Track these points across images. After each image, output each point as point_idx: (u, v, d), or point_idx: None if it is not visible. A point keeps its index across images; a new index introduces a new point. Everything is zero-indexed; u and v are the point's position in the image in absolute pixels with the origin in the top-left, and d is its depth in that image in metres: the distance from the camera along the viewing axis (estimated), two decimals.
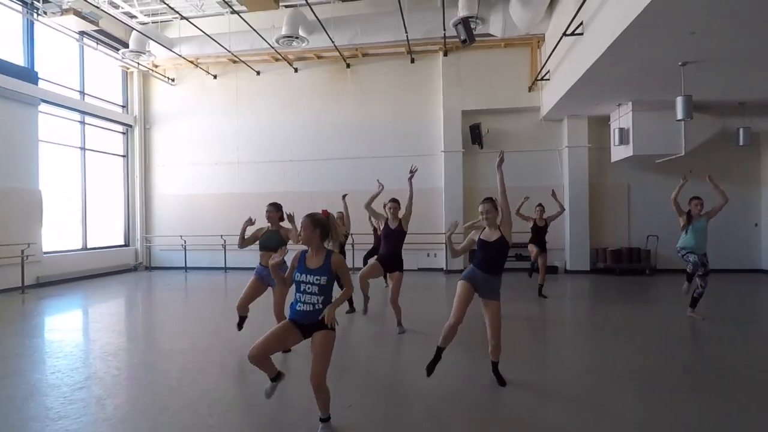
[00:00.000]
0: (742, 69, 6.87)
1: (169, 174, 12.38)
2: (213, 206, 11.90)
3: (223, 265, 11.67)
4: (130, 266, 11.87)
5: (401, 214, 5.41)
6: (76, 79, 10.87)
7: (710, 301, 6.51)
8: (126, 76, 12.29)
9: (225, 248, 11.47)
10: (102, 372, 4.18)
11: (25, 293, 8.53)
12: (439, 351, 3.65)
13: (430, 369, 3.63)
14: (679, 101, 6.94)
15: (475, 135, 10.79)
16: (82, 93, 10.95)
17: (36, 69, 9.59)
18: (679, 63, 6.62)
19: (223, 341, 5.07)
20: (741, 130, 8.76)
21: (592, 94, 8.59)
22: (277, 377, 3.10)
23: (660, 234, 10.17)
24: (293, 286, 2.90)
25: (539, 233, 7.60)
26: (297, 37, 9.64)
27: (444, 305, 7.38)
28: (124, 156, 12.23)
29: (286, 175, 11.78)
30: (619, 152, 9.62)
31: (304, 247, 2.94)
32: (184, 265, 11.88)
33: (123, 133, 12.21)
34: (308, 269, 2.81)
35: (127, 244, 12.16)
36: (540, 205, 7.68)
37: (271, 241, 4.53)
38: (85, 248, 10.84)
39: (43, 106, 9.61)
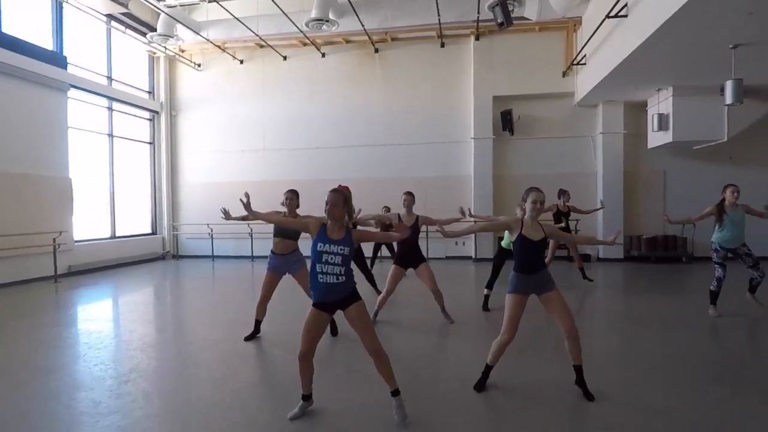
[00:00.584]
0: None
1: (195, 161, 12.32)
2: (239, 194, 11.72)
3: (250, 254, 11.64)
4: (158, 255, 11.88)
5: (414, 209, 5.19)
6: (103, 64, 10.77)
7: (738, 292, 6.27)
8: (152, 61, 12.19)
9: (252, 237, 11.42)
10: (144, 364, 4.12)
11: (58, 282, 8.53)
12: (488, 369, 3.34)
13: (481, 387, 3.34)
14: (729, 85, 6.74)
15: (506, 121, 10.60)
16: (110, 78, 10.86)
17: (65, 54, 9.49)
18: (731, 45, 6.40)
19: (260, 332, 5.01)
20: None
21: (632, 78, 8.36)
22: (308, 397, 3.00)
23: (698, 223, 9.96)
24: (311, 260, 2.87)
25: (559, 219, 7.40)
26: (327, 21, 9.45)
27: (474, 294, 7.31)
28: (150, 143, 12.16)
29: (312, 163, 11.67)
30: (656, 138, 9.41)
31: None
32: (211, 254, 11.86)
33: (150, 120, 12.13)
34: (331, 239, 2.81)
35: (154, 233, 12.16)
36: (566, 193, 7.73)
37: (288, 228, 4.37)
38: (113, 237, 10.84)
39: (71, 92, 9.53)
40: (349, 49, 11.41)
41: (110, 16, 10.25)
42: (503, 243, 5.76)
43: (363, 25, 9.84)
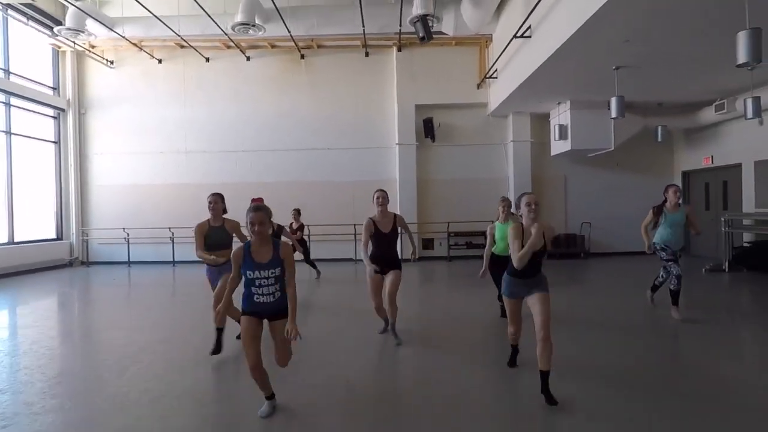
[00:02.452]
0: (662, 73, 7.84)
1: (108, 163, 11.60)
2: (159, 197, 11.35)
3: (171, 259, 11.18)
4: (64, 261, 10.99)
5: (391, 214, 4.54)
6: None
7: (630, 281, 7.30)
8: (57, 55, 11.33)
9: (173, 241, 10.99)
10: (76, 369, 4.03)
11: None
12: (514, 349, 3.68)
13: (513, 362, 3.69)
14: (614, 101, 7.80)
15: (427, 128, 11.26)
16: (7, 71, 9.96)
17: None
18: (614, 67, 7.44)
19: (188, 334, 5.00)
20: (659, 128, 9.95)
21: (536, 93, 9.32)
22: (273, 396, 3.02)
23: (592, 221, 11.28)
24: (244, 281, 2.86)
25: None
26: (254, 25, 9.48)
27: (418, 294, 7.71)
28: (55, 142, 11.27)
29: (238, 166, 11.52)
30: (558, 146, 10.53)
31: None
32: (127, 260, 11.21)
33: (54, 118, 11.25)
34: (259, 264, 2.77)
35: (60, 238, 11.24)
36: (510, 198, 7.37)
37: (219, 238, 4.17)
38: (11, 242, 9.89)
39: None
40: (275, 53, 11.46)
41: (8, 5, 9.44)
42: (497, 249, 5.09)
43: (289, 32, 9.97)
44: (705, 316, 5.34)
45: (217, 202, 4.23)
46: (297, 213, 8.66)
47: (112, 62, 11.44)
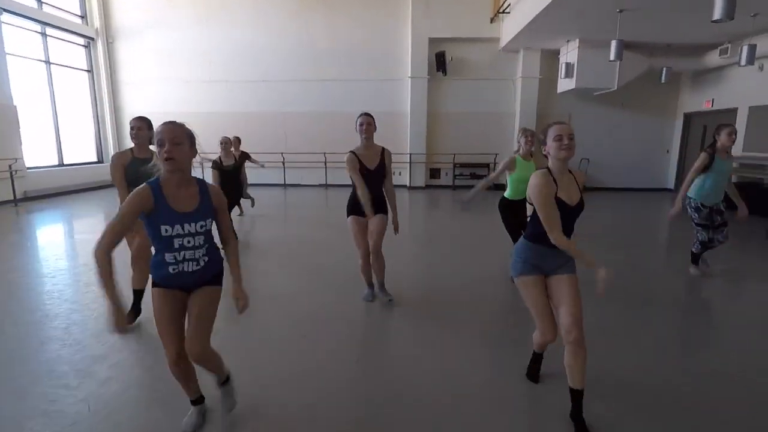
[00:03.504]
0: (670, 16, 8.08)
1: (137, 91, 12.38)
2: (188, 125, 12.20)
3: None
4: (107, 182, 12.22)
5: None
6: None
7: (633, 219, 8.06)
8: None
9: (202, 166, 12.02)
10: None
11: (18, 206, 8.96)
12: (537, 357, 2.63)
13: (535, 374, 2.63)
14: (613, 44, 8.16)
15: (440, 62, 11.62)
16: (39, 1, 10.48)
17: None
18: (618, 9, 7.74)
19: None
20: (664, 69, 10.21)
21: (547, 29, 9.58)
22: (199, 400, 2.20)
23: (591, 157, 11.92)
24: (153, 246, 1.93)
25: None
26: None
27: (413, 222, 8.74)
28: (88, 71, 12.01)
29: (258, 95, 12.20)
30: (564, 84, 10.90)
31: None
32: None
33: (85, 47, 11.88)
34: (183, 215, 1.82)
35: (100, 161, 12.39)
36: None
37: (144, 175, 2.97)
38: (61, 164, 11.06)
39: (4, 16, 9.29)
40: None
41: None
42: (508, 194, 4.21)
43: None
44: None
45: (142, 128, 3.29)
46: (237, 141, 7.28)
47: None
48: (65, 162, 11.17)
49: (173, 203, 1.80)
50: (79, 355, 2.90)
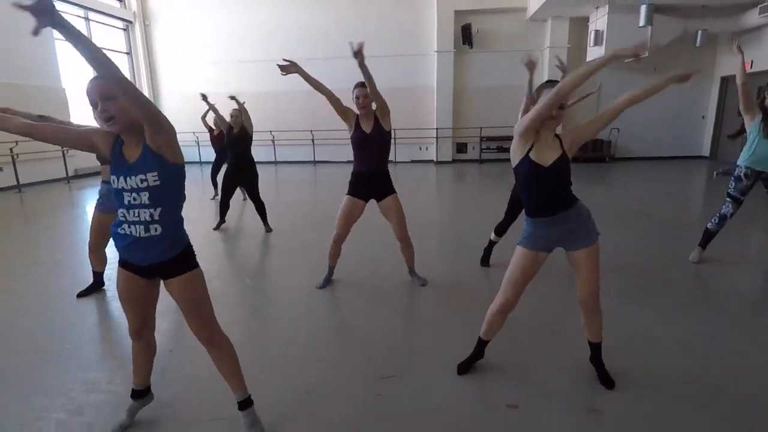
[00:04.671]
0: None
1: (173, 72, 12.91)
2: (220, 104, 12.67)
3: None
4: None
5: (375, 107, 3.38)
6: None
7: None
8: None
9: (274, 143, 12.54)
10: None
11: (70, 182, 9.67)
12: (481, 344, 2.41)
13: (466, 368, 2.41)
14: (643, 9, 8.01)
15: (466, 35, 11.60)
16: None
17: None
18: None
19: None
20: (699, 32, 9.91)
21: None
22: (142, 394, 2.05)
23: (621, 127, 11.75)
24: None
25: None
26: None
27: (439, 200, 8.96)
28: (128, 53, 12.58)
29: (288, 74, 12.47)
30: (594, 52, 10.71)
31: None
32: (198, 160, 13.00)
33: (124, 30, 12.43)
34: (127, 166, 1.64)
35: None
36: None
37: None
38: None
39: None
40: None
41: None
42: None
43: None
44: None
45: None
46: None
47: None
48: None
49: (126, 153, 1.64)
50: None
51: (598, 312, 2.18)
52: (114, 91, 1.54)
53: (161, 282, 1.80)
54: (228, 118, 5.63)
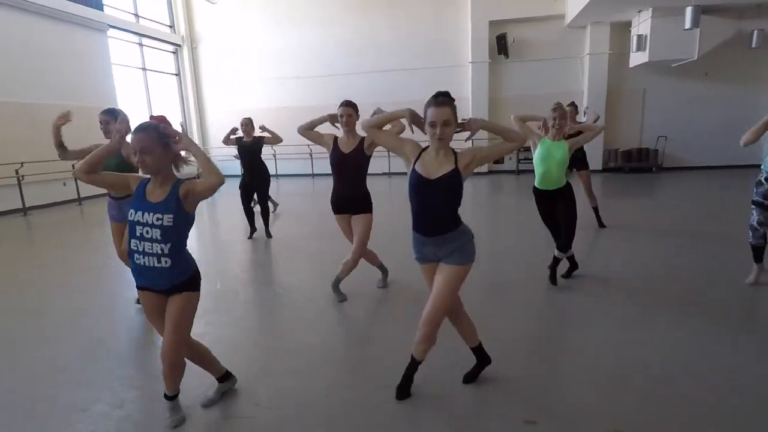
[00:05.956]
0: None
1: (217, 90, 13.59)
2: (262, 120, 13.15)
3: (275, 172, 13.26)
4: (193, 176, 13.59)
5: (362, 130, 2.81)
6: (129, 2, 11.72)
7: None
8: None
9: (276, 157, 12.98)
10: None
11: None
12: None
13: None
14: (688, 11, 7.63)
15: (501, 45, 11.47)
16: (137, 16, 11.86)
17: None
18: None
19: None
20: (755, 32, 9.30)
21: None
22: (225, 377, 2.37)
23: (669, 134, 11.18)
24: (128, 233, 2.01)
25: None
26: None
27: (475, 213, 8.84)
28: (176, 74, 13.37)
29: (324, 89, 12.82)
30: (636, 58, 10.30)
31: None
32: (239, 174, 13.51)
33: (173, 53, 13.23)
34: (148, 204, 1.93)
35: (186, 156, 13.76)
36: (572, 104, 5.95)
37: (112, 165, 3.29)
38: None
39: (109, 31, 10.66)
40: None
41: None
42: (536, 182, 3.79)
43: None
44: None
45: (110, 122, 3.36)
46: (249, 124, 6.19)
47: None
48: None
49: (148, 194, 1.96)
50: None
51: (430, 335, 2.11)
52: (152, 147, 1.89)
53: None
54: (241, 129, 6.07)
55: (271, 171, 13.07)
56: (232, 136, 5.90)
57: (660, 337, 2.83)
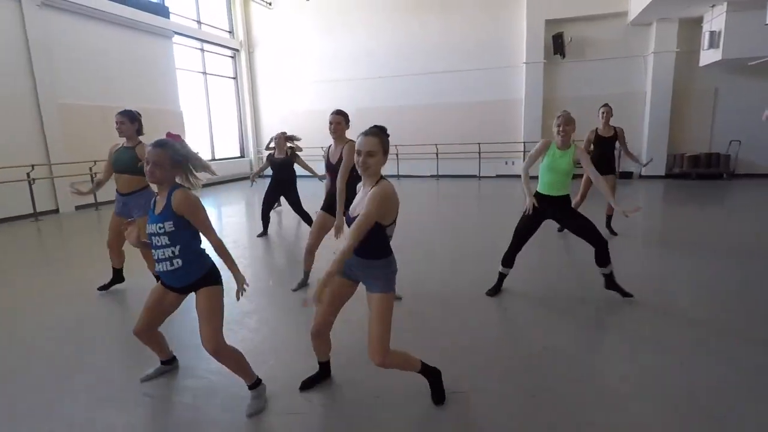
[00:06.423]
0: None
1: (272, 92, 14.03)
2: (314, 121, 13.50)
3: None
4: (247, 175, 14.11)
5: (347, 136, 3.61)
6: (192, 9, 12.33)
7: None
8: (229, 1, 13.56)
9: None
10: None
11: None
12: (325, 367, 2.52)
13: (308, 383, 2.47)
14: None
15: (557, 44, 11.07)
16: (199, 23, 12.46)
17: (166, 4, 11.11)
18: None
19: None
20: None
21: None
22: (169, 361, 2.63)
23: (743, 138, 10.35)
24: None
25: (604, 146, 5.50)
26: None
27: None
28: (234, 78, 13.93)
29: (375, 91, 12.92)
30: (708, 56, 9.62)
31: None
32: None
33: (232, 57, 13.79)
34: (153, 215, 2.14)
35: (242, 156, 14.34)
36: (606, 105, 5.54)
37: (125, 160, 3.64)
38: (213, 159, 13.09)
39: (174, 38, 11.27)
40: None
41: None
42: (538, 187, 3.63)
43: None
44: None
45: (124, 122, 3.64)
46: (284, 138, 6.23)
47: (270, 3, 13.29)
48: (216, 157, 13.17)
49: (156, 205, 2.16)
50: (236, 311, 3.60)
51: (386, 367, 2.09)
52: (164, 163, 2.07)
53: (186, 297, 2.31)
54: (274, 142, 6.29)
55: (393, 172, 13.14)
56: (267, 151, 6.09)
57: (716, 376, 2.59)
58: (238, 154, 14.32)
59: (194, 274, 2.17)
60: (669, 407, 2.22)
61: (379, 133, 2.07)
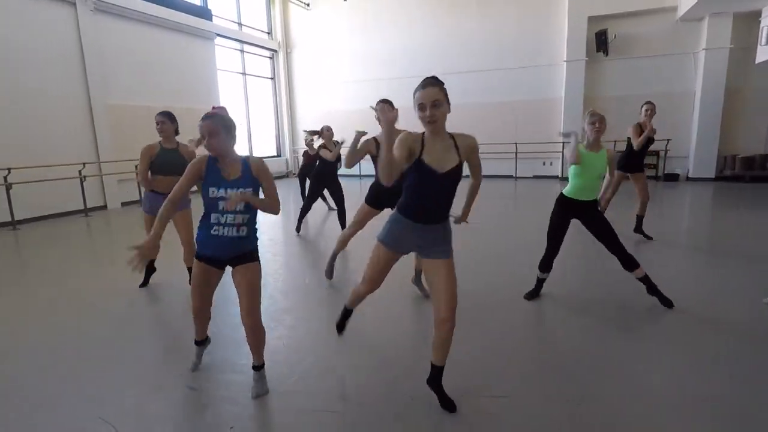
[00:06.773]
0: None
1: (309, 92, 14.25)
2: (350, 120, 13.60)
3: (358, 173, 13.63)
4: (283, 173, 14.41)
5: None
6: (233, 11, 12.68)
7: None
8: (269, 3, 13.85)
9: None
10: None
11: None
12: (347, 312, 2.75)
13: (340, 328, 2.81)
14: None
15: (600, 42, 10.71)
16: (240, 24, 12.79)
17: (209, 7, 11.47)
18: None
19: None
20: None
21: None
22: (204, 341, 2.72)
23: None
24: (204, 208, 2.25)
25: (645, 146, 5.30)
26: None
27: None
28: (272, 78, 14.23)
29: (412, 90, 12.84)
30: (765, 52, 9.03)
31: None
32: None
33: (270, 58, 14.09)
34: (226, 181, 2.17)
35: (279, 155, 14.63)
36: (650, 102, 5.30)
37: (170, 163, 3.75)
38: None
39: (217, 39, 11.62)
40: None
41: None
42: (567, 190, 3.46)
43: None
44: None
45: (165, 122, 3.78)
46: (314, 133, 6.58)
47: (308, 5, 13.49)
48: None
49: (222, 171, 2.19)
50: (273, 308, 3.69)
51: (451, 333, 2.13)
52: (218, 130, 2.14)
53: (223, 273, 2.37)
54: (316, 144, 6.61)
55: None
56: (311, 136, 6.14)
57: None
58: (275, 153, 14.62)
59: (250, 244, 2.28)
60: (723, 425, 2.11)
61: (438, 81, 2.01)
